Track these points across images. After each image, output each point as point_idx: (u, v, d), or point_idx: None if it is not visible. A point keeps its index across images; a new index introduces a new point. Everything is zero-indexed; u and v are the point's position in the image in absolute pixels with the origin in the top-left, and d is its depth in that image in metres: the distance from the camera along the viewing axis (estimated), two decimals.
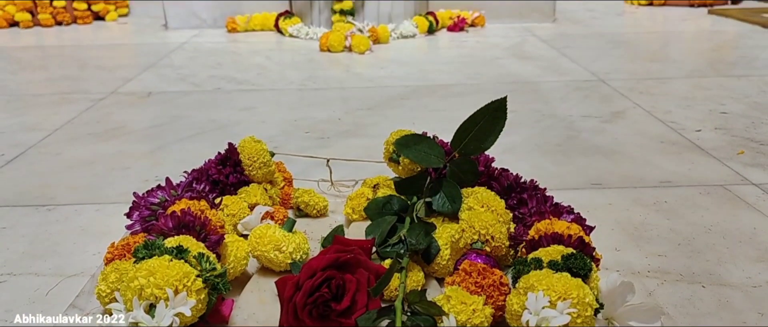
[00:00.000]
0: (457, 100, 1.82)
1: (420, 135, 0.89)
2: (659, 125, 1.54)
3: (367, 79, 2.09)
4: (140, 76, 2.16)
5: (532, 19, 3.02)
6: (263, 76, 2.13)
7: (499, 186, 0.90)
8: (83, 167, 1.35)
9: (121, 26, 3.20)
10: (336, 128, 1.59)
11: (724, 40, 2.56)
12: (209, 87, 2.01)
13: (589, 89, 1.88)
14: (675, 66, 2.14)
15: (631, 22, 3.07)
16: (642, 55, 2.32)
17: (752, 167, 1.27)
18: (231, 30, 2.91)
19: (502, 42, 2.62)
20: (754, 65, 2.12)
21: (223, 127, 1.61)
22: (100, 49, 2.67)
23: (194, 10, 3.01)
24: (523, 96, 1.84)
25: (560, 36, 2.70)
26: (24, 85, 2.07)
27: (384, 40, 2.65)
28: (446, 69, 2.20)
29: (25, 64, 2.39)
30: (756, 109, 1.65)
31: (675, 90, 1.85)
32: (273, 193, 1.01)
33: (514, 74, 2.10)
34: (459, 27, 2.87)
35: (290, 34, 2.81)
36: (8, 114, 1.75)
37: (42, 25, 3.13)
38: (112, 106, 1.81)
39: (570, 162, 1.34)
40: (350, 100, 1.84)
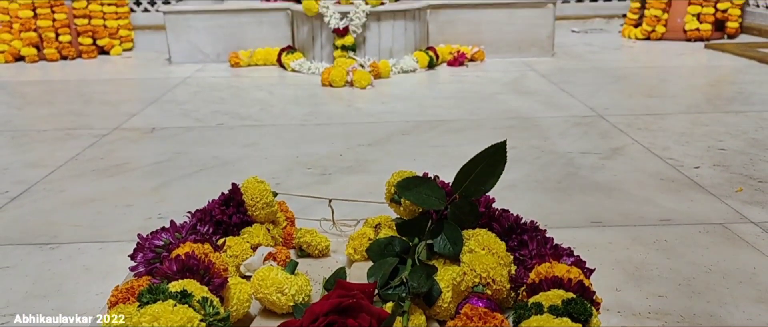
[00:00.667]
0: (457, 135, 1.84)
1: (421, 177, 0.90)
2: (658, 162, 1.56)
3: (368, 114, 2.11)
4: (144, 111, 2.18)
5: (531, 53, 3.06)
6: (266, 112, 2.16)
7: (499, 227, 0.91)
8: (87, 205, 1.36)
9: (125, 60, 3.24)
10: (337, 164, 1.60)
11: (721, 74, 2.60)
12: (212, 122, 2.03)
13: (588, 125, 1.90)
14: (673, 101, 2.16)
15: (628, 56, 3.11)
16: (640, 90, 2.34)
17: (751, 205, 1.28)
18: (234, 64, 2.95)
19: (502, 77, 2.66)
20: (751, 101, 2.14)
21: (226, 163, 1.63)
22: (105, 84, 2.70)
23: (198, 45, 3.05)
24: (523, 132, 1.86)
25: (559, 70, 2.73)
26: (29, 121, 2.10)
27: (385, 74, 2.69)
28: (446, 104, 2.22)
29: (30, 99, 2.42)
30: (754, 145, 1.67)
31: (673, 126, 1.87)
32: (275, 233, 1.01)
33: (513, 109, 2.12)
34: (459, 62, 2.91)
35: (293, 69, 2.84)
36: (13, 150, 1.77)
37: (47, 59, 3.17)
38: (116, 141, 1.83)
39: (570, 199, 1.35)
40: (352, 136, 1.86)
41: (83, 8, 3.22)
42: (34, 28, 3.14)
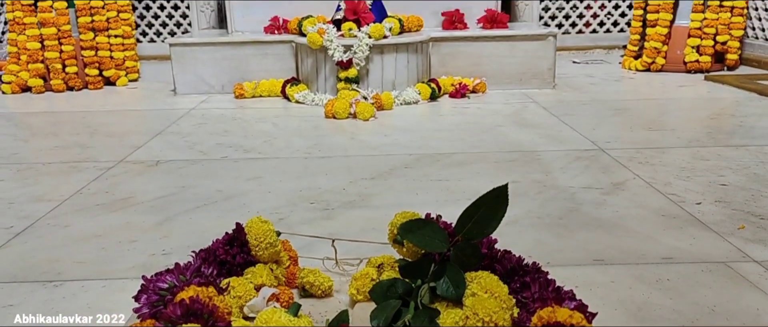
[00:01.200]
0: (459, 169, 1.85)
1: (424, 220, 0.91)
2: (660, 197, 1.56)
3: (371, 147, 2.13)
4: (149, 143, 2.20)
5: (532, 85, 3.09)
6: (270, 144, 2.17)
7: (502, 268, 0.92)
8: (91, 240, 1.37)
9: (131, 91, 3.28)
10: (340, 198, 1.61)
11: (721, 107, 2.61)
12: (216, 155, 2.05)
13: (590, 159, 1.91)
14: (673, 135, 2.17)
15: (629, 88, 3.13)
16: (641, 123, 2.36)
17: (753, 243, 1.28)
18: (238, 96, 2.98)
19: (503, 109, 2.68)
20: (751, 134, 2.15)
21: (229, 197, 1.64)
22: (110, 116, 2.73)
23: (203, 77, 3.09)
24: (525, 166, 1.87)
25: (560, 103, 2.76)
26: (35, 153, 2.12)
27: (388, 106, 2.71)
28: (448, 137, 2.24)
29: (36, 131, 2.44)
30: (755, 180, 1.67)
31: (674, 160, 1.88)
32: (279, 273, 1.02)
33: (515, 143, 2.13)
34: (461, 93, 2.93)
35: (296, 101, 2.87)
36: (18, 183, 1.79)
37: (54, 90, 3.21)
38: (121, 175, 1.85)
39: (571, 236, 1.35)
40: (354, 169, 1.87)
41: (90, 40, 3.26)
42: (41, 60, 3.19)
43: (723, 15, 3.38)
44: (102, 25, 3.29)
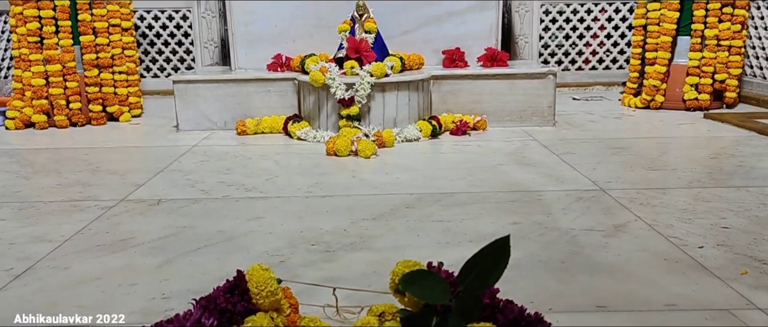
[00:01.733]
0: (461, 209, 1.85)
1: (425, 271, 0.91)
2: (662, 241, 1.56)
3: (372, 185, 2.13)
4: (151, 181, 2.21)
5: (532, 122, 3.11)
6: (271, 183, 2.18)
7: (504, 319, 0.91)
8: (91, 283, 1.36)
9: (133, 127, 3.30)
10: (341, 240, 1.61)
11: (721, 146, 2.62)
12: (218, 194, 2.05)
13: (591, 200, 1.92)
14: (674, 175, 2.18)
15: (629, 126, 3.15)
16: (641, 163, 2.37)
17: (756, 289, 1.27)
18: (241, 132, 3.00)
19: (504, 147, 2.69)
20: (752, 175, 2.16)
21: (231, 238, 1.64)
22: (113, 152, 2.74)
23: (206, 113, 3.11)
24: (526, 206, 1.87)
25: (560, 141, 2.77)
26: (36, 191, 2.12)
27: (389, 144, 2.72)
28: (449, 175, 2.24)
29: (38, 168, 2.45)
30: (757, 223, 1.67)
31: (675, 201, 1.88)
32: (279, 321, 1.01)
33: (516, 182, 2.14)
34: (461, 130, 2.95)
35: (298, 138, 2.89)
36: (19, 223, 1.79)
37: (57, 126, 3.23)
38: (122, 214, 1.85)
39: (574, 280, 1.35)
40: (355, 209, 1.87)
41: (95, 76, 3.30)
42: (45, 96, 3.22)
43: (721, 54, 3.42)
44: (107, 62, 3.33)
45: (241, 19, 3.30)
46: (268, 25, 3.31)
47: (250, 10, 3.29)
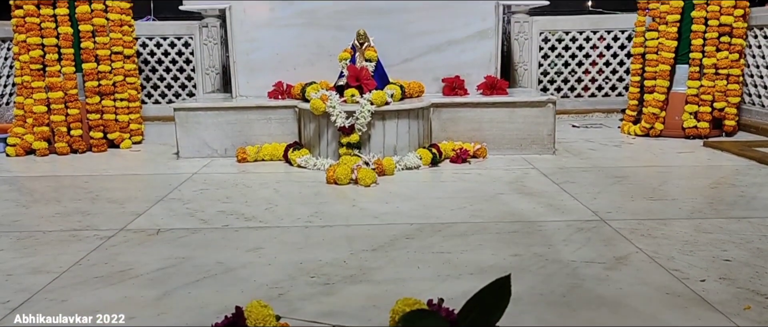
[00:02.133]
0: (461, 240, 1.84)
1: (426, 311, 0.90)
2: (663, 274, 1.55)
3: (372, 215, 2.13)
4: (150, 210, 2.20)
5: (532, 150, 3.11)
6: (271, 212, 2.17)
7: None
8: (88, 317, 1.34)
9: (134, 154, 3.30)
10: (341, 272, 1.60)
11: (721, 176, 2.62)
12: (217, 223, 2.04)
13: (591, 230, 1.91)
14: (675, 205, 2.17)
15: (628, 154, 3.15)
16: (641, 192, 2.36)
17: (760, 325, 1.26)
18: (241, 160, 3.00)
19: (504, 175, 2.69)
20: (752, 206, 2.15)
21: (230, 270, 1.63)
22: (113, 180, 2.74)
23: (206, 141, 3.12)
24: (527, 238, 1.86)
25: (560, 169, 2.77)
26: (36, 220, 2.11)
27: (389, 172, 2.72)
28: (449, 205, 2.24)
29: (38, 196, 2.45)
30: (759, 256, 1.66)
31: (676, 233, 1.87)
32: None
33: (516, 212, 2.13)
34: (461, 158, 2.95)
35: (298, 165, 2.89)
36: (18, 253, 1.78)
37: (58, 153, 3.23)
38: (121, 244, 1.84)
39: (575, 316, 1.33)
40: (355, 240, 1.86)
41: (96, 103, 3.31)
42: (47, 123, 3.23)
43: (719, 82, 3.43)
44: (108, 90, 3.34)
45: (243, 47, 3.32)
46: (270, 53, 3.33)
47: (252, 39, 3.32)
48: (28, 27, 3.17)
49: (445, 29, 3.32)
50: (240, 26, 3.30)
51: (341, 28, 3.27)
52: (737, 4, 3.36)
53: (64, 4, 3.19)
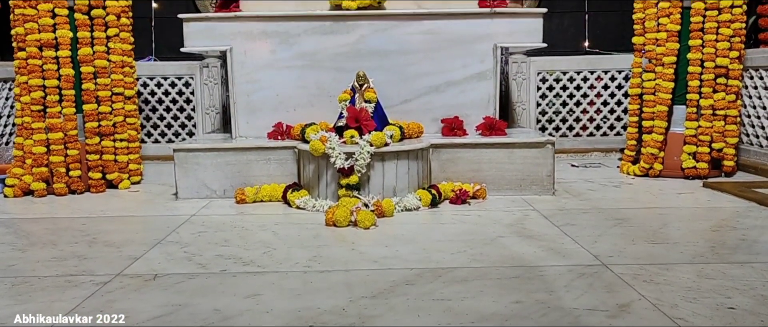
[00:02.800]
0: (462, 286, 1.82)
1: None
2: (667, 323, 1.53)
3: (371, 259, 2.11)
4: (147, 254, 2.18)
5: (531, 191, 3.11)
6: (269, 256, 2.15)
7: None
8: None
9: (133, 195, 3.29)
10: (340, 321, 1.58)
11: (722, 218, 2.61)
12: (215, 268, 2.02)
13: (593, 276, 1.89)
14: (677, 249, 2.16)
15: (628, 195, 3.14)
16: (643, 235, 2.35)
17: None
18: (240, 201, 2.99)
19: (504, 217, 2.67)
20: (755, 250, 2.14)
21: (227, 318, 1.60)
22: (111, 222, 2.72)
23: (205, 182, 3.11)
24: (528, 283, 1.84)
25: (560, 211, 2.76)
26: (31, 264, 2.09)
27: (389, 213, 2.71)
28: (449, 248, 2.22)
29: (35, 239, 2.42)
30: (763, 303, 1.64)
31: (679, 278, 1.85)
32: None
33: (517, 256, 2.11)
34: (461, 199, 2.94)
35: (297, 206, 2.88)
36: (12, 300, 1.75)
37: (56, 194, 3.22)
38: (117, 291, 1.81)
39: None
40: (355, 286, 1.84)
41: (96, 144, 3.31)
42: (45, 164, 3.22)
43: (717, 123, 3.45)
44: (108, 130, 3.35)
45: (243, 88, 3.35)
46: (270, 94, 3.35)
47: (253, 80, 3.34)
48: (30, 69, 3.19)
49: (443, 71, 3.35)
50: (241, 68, 3.33)
51: (341, 69, 3.30)
52: (733, 46, 3.40)
53: (66, 46, 3.22)
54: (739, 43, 3.43)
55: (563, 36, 4.63)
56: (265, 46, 3.32)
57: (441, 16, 3.32)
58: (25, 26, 3.17)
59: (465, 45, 3.33)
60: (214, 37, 3.32)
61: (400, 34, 3.33)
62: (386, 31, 3.32)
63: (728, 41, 3.39)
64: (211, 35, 3.32)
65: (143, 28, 4.50)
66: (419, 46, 3.33)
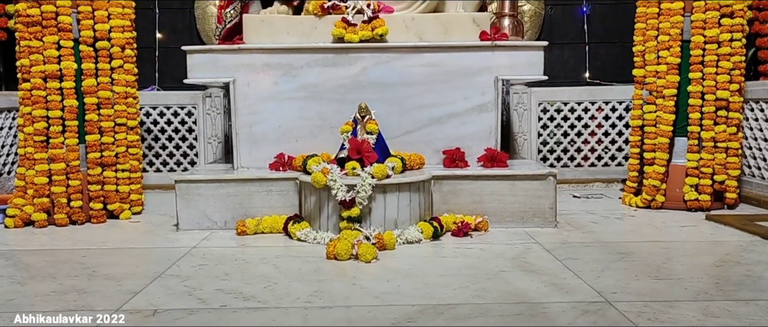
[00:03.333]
0: (464, 324, 1.80)
1: None
2: None
3: (372, 294, 2.09)
4: (147, 288, 2.17)
5: (534, 223, 3.09)
6: (270, 291, 2.14)
7: None
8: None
9: (133, 225, 3.28)
10: None
11: (725, 253, 2.59)
12: (215, 303, 2.00)
13: (597, 313, 1.87)
14: (681, 286, 2.14)
15: (631, 228, 3.13)
16: (646, 270, 2.33)
17: None
18: (241, 233, 2.98)
19: (506, 251, 2.66)
20: (759, 286, 2.12)
21: None
22: (111, 254, 2.70)
23: (206, 213, 3.10)
24: (531, 321, 1.82)
25: (563, 244, 2.74)
26: (30, 299, 2.07)
27: (390, 246, 2.70)
28: (452, 283, 2.20)
29: (34, 272, 2.41)
30: None
31: (684, 316, 1.83)
32: None
33: (520, 292, 2.09)
34: (463, 232, 2.93)
35: (298, 239, 2.86)
36: None
37: (57, 224, 3.21)
38: None
39: None
40: (356, 323, 1.82)
41: (98, 175, 3.32)
42: (47, 194, 3.22)
43: (719, 155, 3.45)
44: (110, 161, 3.35)
45: (246, 120, 3.36)
46: (272, 126, 3.36)
47: (255, 111, 3.36)
48: (34, 100, 3.21)
49: (445, 102, 3.37)
50: (244, 99, 3.35)
51: (343, 101, 3.32)
52: (733, 78, 3.42)
53: (70, 78, 3.24)
54: (739, 75, 3.45)
55: (564, 67, 4.66)
56: (268, 77, 3.35)
57: (442, 49, 3.35)
58: (30, 58, 3.20)
59: (466, 77, 3.35)
60: (217, 68, 3.35)
61: (402, 66, 3.35)
62: (388, 64, 3.35)
63: (728, 74, 3.40)
64: (214, 67, 3.34)
65: (147, 59, 4.53)
66: (421, 78, 3.36)
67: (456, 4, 3.56)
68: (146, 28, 4.55)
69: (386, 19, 3.35)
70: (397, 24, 3.38)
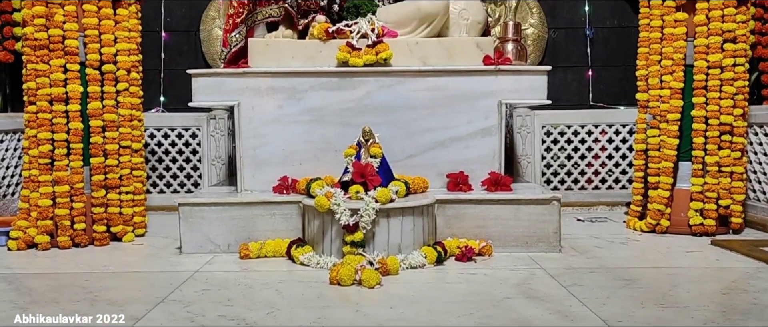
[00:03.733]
0: None
1: None
2: None
3: (376, 322, 2.08)
4: (149, 314, 2.16)
5: (538, 248, 3.08)
6: (273, 317, 2.12)
7: None
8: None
9: (136, 248, 3.27)
10: None
11: (732, 280, 2.57)
12: None
13: None
14: (687, 314, 2.12)
15: (636, 253, 3.11)
16: (651, 297, 2.31)
17: None
18: (244, 257, 2.97)
19: (511, 276, 2.64)
20: (766, 315, 2.10)
21: None
22: (113, 279, 2.69)
23: (209, 236, 3.10)
24: None
25: (567, 270, 2.73)
26: None
27: (394, 271, 2.69)
28: (456, 310, 2.19)
29: (36, 297, 2.40)
30: None
31: None
32: None
33: (524, 320, 2.08)
34: (467, 257, 2.91)
35: (301, 263, 2.86)
36: None
37: (60, 247, 3.21)
38: None
39: None
40: None
41: (102, 197, 3.32)
42: (51, 217, 3.22)
43: (723, 180, 3.44)
44: (114, 183, 3.36)
45: (250, 143, 3.37)
46: (276, 149, 3.37)
47: (260, 135, 3.37)
48: (40, 122, 3.23)
49: (449, 126, 3.37)
50: (248, 122, 3.36)
51: (347, 124, 3.33)
52: (736, 103, 3.42)
53: (76, 100, 3.26)
54: (743, 100, 3.45)
55: (567, 90, 4.67)
56: (273, 101, 3.36)
57: (446, 73, 3.36)
58: (37, 81, 3.22)
59: (470, 101, 3.35)
60: (222, 92, 3.36)
61: (406, 90, 3.36)
62: (392, 87, 3.36)
63: (732, 99, 3.41)
64: (219, 90, 3.36)
65: (152, 81, 4.56)
66: (424, 101, 3.37)
67: (460, 29, 3.59)
68: (152, 51, 4.58)
69: (390, 43, 3.37)
70: (401, 48, 3.40)
